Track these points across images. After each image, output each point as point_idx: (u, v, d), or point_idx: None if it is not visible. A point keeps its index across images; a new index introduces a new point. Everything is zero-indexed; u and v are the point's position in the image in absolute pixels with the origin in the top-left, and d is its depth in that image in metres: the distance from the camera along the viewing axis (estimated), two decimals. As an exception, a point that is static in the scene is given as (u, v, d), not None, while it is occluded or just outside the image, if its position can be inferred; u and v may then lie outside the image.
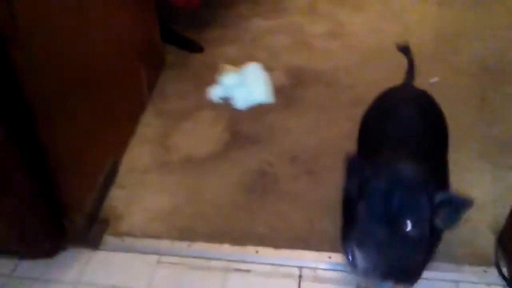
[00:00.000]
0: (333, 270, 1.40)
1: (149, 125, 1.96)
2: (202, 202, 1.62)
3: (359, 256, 0.90)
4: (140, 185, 1.69)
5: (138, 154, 1.82)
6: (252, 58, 2.30)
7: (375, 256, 0.88)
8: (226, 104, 1.99)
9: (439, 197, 0.88)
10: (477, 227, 1.47)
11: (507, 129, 1.82)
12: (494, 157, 1.71)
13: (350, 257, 0.93)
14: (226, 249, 1.46)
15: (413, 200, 0.87)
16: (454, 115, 1.90)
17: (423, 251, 0.92)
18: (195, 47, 2.37)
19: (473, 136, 1.80)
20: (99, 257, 1.47)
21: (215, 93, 1.17)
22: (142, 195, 1.66)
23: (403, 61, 2.22)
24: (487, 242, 1.43)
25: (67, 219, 1.45)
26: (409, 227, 0.86)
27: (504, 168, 1.66)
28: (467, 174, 1.65)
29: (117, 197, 1.65)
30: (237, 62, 2.26)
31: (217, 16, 2.59)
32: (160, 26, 2.20)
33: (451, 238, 1.44)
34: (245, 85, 1.11)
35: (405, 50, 1.49)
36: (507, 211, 1.42)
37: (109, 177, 1.67)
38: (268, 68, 2.23)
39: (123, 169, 1.75)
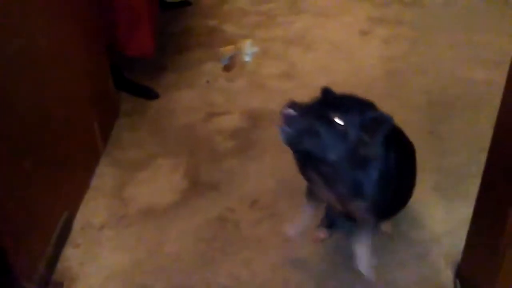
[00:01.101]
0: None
1: (104, 176, 1.91)
2: (162, 256, 1.57)
3: (286, 113, 1.09)
4: (96, 242, 1.63)
5: (93, 208, 1.76)
6: (208, 102, 2.32)
7: (297, 117, 1.09)
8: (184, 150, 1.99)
9: (368, 113, 1.13)
10: (435, 262, 1.50)
11: (457, 161, 1.89)
12: (447, 189, 1.76)
13: (281, 118, 1.10)
14: (188, 304, 1.41)
15: (348, 105, 1.13)
16: (405, 150, 1.98)
17: (343, 148, 1.11)
18: (150, 94, 2.36)
19: (425, 169, 1.83)
20: (53, 324, 1.40)
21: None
22: (98, 253, 1.59)
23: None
24: (447, 277, 1.45)
25: (17, 287, 1.37)
26: (339, 121, 1.09)
27: (456, 199, 1.71)
28: (422, 207, 1.69)
29: (71, 256, 1.58)
30: (193, 108, 2.27)
31: (171, 61, 2.60)
32: (113, 74, 2.18)
33: (410, 275, 1.47)
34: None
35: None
36: (463, 244, 1.46)
37: (63, 235, 1.60)
38: (225, 111, 2.25)
39: (77, 225, 1.69)
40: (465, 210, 1.63)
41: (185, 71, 2.54)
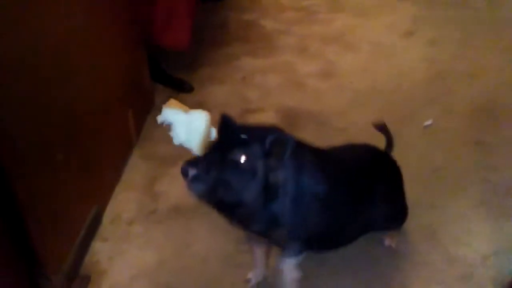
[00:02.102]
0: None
1: (135, 170, 1.88)
2: (189, 256, 1.53)
3: (190, 172, 1.03)
4: (125, 237, 1.60)
5: (123, 202, 1.73)
6: (242, 98, 2.26)
7: (201, 172, 1.03)
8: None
9: (269, 138, 1.04)
10: (481, 284, 1.40)
11: (505, 175, 1.77)
12: (493, 205, 1.65)
13: (183, 176, 1.05)
14: (215, 309, 1.37)
15: (247, 137, 1.04)
16: (451, 159, 1.87)
17: (256, 186, 1.05)
18: (185, 87, 2.32)
19: (471, 183, 1.75)
20: (78, 318, 1.37)
21: (159, 118, 1.19)
22: (126, 249, 1.56)
23: (394, 102, 2.20)
24: (493, 301, 1.35)
25: (44, 278, 1.35)
26: (242, 159, 1.03)
27: (504, 216, 1.60)
28: (467, 224, 1.59)
29: (99, 250, 1.55)
30: (228, 104, 2.22)
31: (207, 55, 2.56)
32: (150, 65, 2.15)
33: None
34: (183, 126, 1.12)
35: (382, 128, 1.50)
36: (511, 265, 1.36)
37: (92, 229, 1.58)
38: (259, 108, 2.19)
39: (106, 219, 1.66)
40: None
41: (221, 66, 2.49)
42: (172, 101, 1.19)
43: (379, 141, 1.93)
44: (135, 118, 1.96)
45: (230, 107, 2.21)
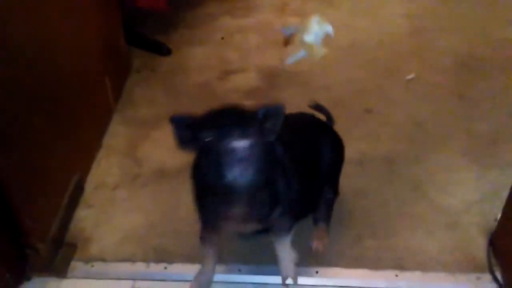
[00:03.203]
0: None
1: (116, 135, 1.83)
2: (177, 219, 1.51)
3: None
4: (110, 202, 1.57)
5: (106, 168, 1.69)
6: (222, 59, 2.21)
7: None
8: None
9: (260, 111, 1.00)
10: (467, 231, 1.42)
11: (488, 125, 1.79)
12: (477, 155, 1.67)
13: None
14: (206, 269, 1.36)
15: (245, 119, 0.99)
16: (433, 112, 1.87)
17: (255, 161, 0.97)
18: (162, 49, 2.25)
19: (455, 134, 1.76)
20: (67, 285, 1.35)
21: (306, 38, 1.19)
22: (112, 214, 1.53)
23: (376, 57, 2.18)
24: (479, 246, 1.38)
25: (29, 247, 1.32)
26: (246, 141, 0.96)
27: (488, 166, 1.62)
28: (452, 174, 1.61)
29: (84, 217, 1.52)
30: (208, 66, 2.17)
31: (185, 16, 2.47)
32: (125, 29, 2.07)
33: (441, 244, 1.40)
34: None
35: (318, 107, 1.47)
36: (496, 211, 1.39)
37: (75, 196, 1.54)
38: (240, 69, 2.14)
39: (89, 186, 1.62)
40: (497, 177, 1.57)
41: (199, 26, 2.41)
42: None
43: (361, 97, 1.93)
44: (113, 83, 1.89)
45: (209, 68, 2.16)
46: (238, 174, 0.95)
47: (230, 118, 0.99)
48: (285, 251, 1.26)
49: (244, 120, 0.98)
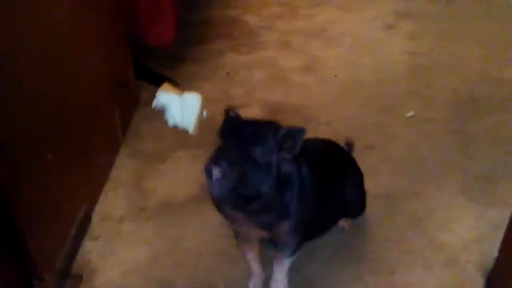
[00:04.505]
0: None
1: (123, 167, 1.88)
2: (182, 251, 1.54)
3: (214, 171, 1.04)
4: (115, 235, 1.60)
5: (112, 200, 1.74)
6: (227, 94, 2.28)
7: (226, 170, 1.03)
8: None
9: (281, 131, 1.08)
10: (465, 268, 1.45)
11: (485, 163, 1.83)
12: (475, 193, 1.70)
13: (207, 175, 1.06)
14: (209, 303, 1.39)
15: (261, 132, 1.07)
16: (433, 149, 1.92)
17: (272, 178, 1.08)
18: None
19: (453, 172, 1.80)
20: (72, 317, 1.38)
21: (154, 102, 1.22)
22: (117, 246, 1.57)
23: (377, 94, 2.25)
24: (477, 284, 1.40)
25: (36, 278, 1.35)
26: (257, 153, 1.05)
27: (486, 204, 1.65)
28: (450, 212, 1.64)
29: (90, 249, 1.55)
30: (213, 100, 2.23)
31: (191, 51, 2.56)
32: (134, 63, 2.15)
33: (440, 281, 1.42)
34: (176, 108, 1.19)
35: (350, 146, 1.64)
36: (493, 251, 1.41)
37: (82, 227, 1.58)
38: (244, 104, 2.21)
39: (96, 217, 1.66)
40: (495, 215, 1.60)
41: (205, 62, 2.49)
42: (166, 85, 1.22)
43: (362, 134, 1.99)
44: (121, 116, 1.96)
45: (215, 103, 2.19)
46: (214, 189, 1.06)
47: (242, 132, 1.07)
48: (281, 273, 1.31)
49: (257, 136, 1.06)
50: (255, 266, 1.38)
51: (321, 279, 1.44)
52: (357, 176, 1.51)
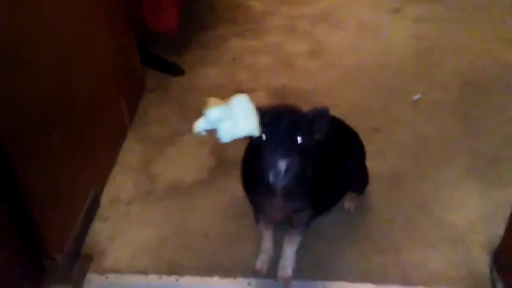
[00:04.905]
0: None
1: (131, 152, 1.90)
2: (189, 233, 1.56)
3: (281, 164, 1.09)
4: (124, 217, 1.63)
5: (120, 183, 1.76)
6: (233, 79, 2.28)
7: (290, 161, 1.10)
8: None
9: (310, 114, 1.14)
10: (471, 248, 1.46)
11: (492, 144, 1.83)
12: (482, 174, 1.70)
13: (272, 168, 1.11)
14: (216, 282, 1.41)
15: (299, 119, 1.12)
16: (439, 131, 1.92)
17: (311, 159, 1.15)
18: (176, 70, 2.33)
19: (459, 153, 1.80)
20: (82, 296, 1.40)
21: (199, 125, 1.10)
22: (126, 228, 1.59)
23: (382, 78, 2.24)
24: (482, 263, 1.41)
25: (47, 258, 1.37)
26: (299, 140, 1.10)
27: (492, 184, 1.66)
28: (457, 192, 1.65)
29: (100, 231, 1.58)
30: (219, 85, 2.24)
31: (197, 37, 2.56)
32: (140, 49, 2.16)
33: (446, 260, 1.43)
34: (231, 119, 1.07)
35: None
36: (499, 230, 1.41)
37: (91, 210, 1.60)
38: (250, 89, 2.21)
39: (105, 200, 1.68)
40: (501, 195, 1.60)
41: (210, 48, 2.50)
42: (212, 99, 1.10)
43: (368, 117, 1.99)
44: (128, 102, 1.97)
45: (221, 88, 2.23)
46: (280, 181, 1.11)
47: (285, 122, 1.10)
48: (291, 250, 1.35)
49: (296, 125, 1.10)
50: (268, 243, 1.41)
51: (328, 259, 1.45)
52: (360, 150, 1.53)
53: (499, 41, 2.41)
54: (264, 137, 1.09)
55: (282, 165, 1.09)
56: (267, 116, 1.11)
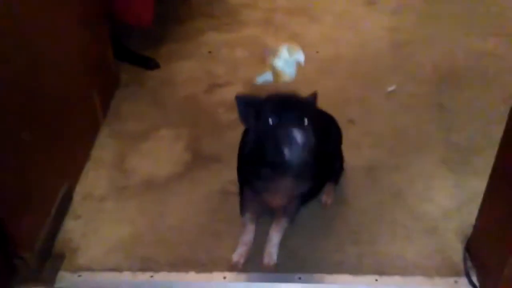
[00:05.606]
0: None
1: (104, 147, 1.86)
2: (164, 229, 1.54)
3: (298, 135, 1.13)
4: (97, 213, 1.59)
5: (93, 179, 1.72)
6: (210, 73, 2.26)
7: (298, 135, 1.14)
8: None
9: (311, 98, 1.27)
10: (445, 236, 1.47)
11: (466, 135, 1.84)
12: (456, 164, 1.72)
13: (289, 142, 1.14)
14: (191, 277, 1.39)
15: (304, 105, 1.21)
16: (414, 122, 1.93)
17: (308, 144, 1.17)
18: (150, 64, 2.29)
19: (434, 143, 1.82)
20: (54, 295, 1.37)
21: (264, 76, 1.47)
22: (99, 225, 1.56)
23: (358, 69, 2.25)
24: (456, 251, 1.42)
25: (17, 257, 1.34)
26: (306, 122, 1.17)
27: (466, 174, 1.67)
28: (431, 181, 1.66)
29: (72, 228, 1.54)
30: (195, 79, 2.21)
31: (172, 31, 2.52)
32: (113, 43, 2.11)
33: (420, 249, 1.44)
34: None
35: None
36: (472, 219, 1.43)
37: (62, 207, 1.57)
38: (227, 83, 2.19)
39: (77, 197, 1.65)
40: (474, 185, 1.61)
41: (186, 41, 2.46)
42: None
43: (344, 109, 1.99)
44: (101, 97, 1.93)
45: (196, 82, 2.21)
46: (296, 155, 1.13)
47: (291, 106, 1.17)
48: (278, 238, 1.38)
49: (301, 108, 1.16)
50: (249, 236, 1.42)
51: (304, 251, 1.45)
52: (339, 135, 1.59)
53: (474, 32, 2.43)
54: (271, 121, 1.15)
55: (297, 140, 1.12)
56: (273, 102, 1.18)
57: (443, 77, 2.17)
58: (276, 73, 2.01)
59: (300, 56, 1.98)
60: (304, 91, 2.08)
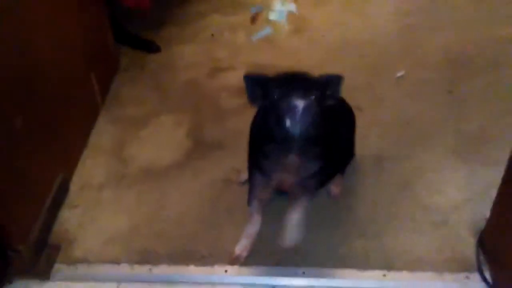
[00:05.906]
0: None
1: (103, 134, 1.81)
2: (163, 220, 1.49)
3: (299, 102, 1.09)
4: (95, 203, 1.54)
5: (91, 168, 1.67)
6: (212, 56, 2.19)
7: (298, 103, 1.10)
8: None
9: (324, 78, 1.18)
10: (456, 230, 1.41)
11: (476, 123, 1.77)
12: (466, 153, 1.65)
13: (291, 111, 1.10)
14: (191, 270, 1.34)
15: (312, 82, 1.16)
16: (423, 110, 1.86)
17: (322, 121, 1.14)
18: (152, 47, 2.23)
19: (444, 132, 1.75)
20: (50, 288, 1.33)
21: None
22: (97, 215, 1.51)
23: (366, 55, 2.17)
24: (467, 245, 1.37)
25: (11, 249, 1.29)
26: (312, 99, 1.12)
27: (477, 164, 1.61)
28: (441, 172, 1.60)
29: (68, 218, 1.50)
30: (197, 63, 2.15)
31: (174, 14, 2.45)
32: (114, 27, 2.05)
33: (429, 243, 1.39)
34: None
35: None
36: (484, 211, 1.37)
37: (58, 197, 1.51)
38: (229, 67, 2.12)
39: (74, 186, 1.60)
40: (487, 175, 1.55)
41: (188, 24, 2.39)
42: None
43: (353, 93, 1.91)
44: (100, 81, 1.87)
45: (198, 66, 2.14)
46: (297, 125, 1.09)
47: (298, 81, 1.14)
48: (298, 214, 1.31)
49: (309, 84, 1.13)
50: (255, 228, 1.38)
51: (308, 244, 1.39)
52: (354, 124, 1.55)
53: (484, 18, 2.34)
54: (275, 95, 1.12)
55: (298, 109, 1.08)
56: (280, 78, 1.15)
57: (453, 63, 2.09)
58: (274, 25, 2.11)
59: (292, 6, 2.20)
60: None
